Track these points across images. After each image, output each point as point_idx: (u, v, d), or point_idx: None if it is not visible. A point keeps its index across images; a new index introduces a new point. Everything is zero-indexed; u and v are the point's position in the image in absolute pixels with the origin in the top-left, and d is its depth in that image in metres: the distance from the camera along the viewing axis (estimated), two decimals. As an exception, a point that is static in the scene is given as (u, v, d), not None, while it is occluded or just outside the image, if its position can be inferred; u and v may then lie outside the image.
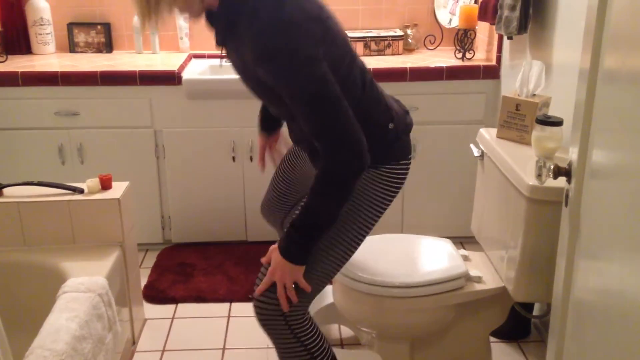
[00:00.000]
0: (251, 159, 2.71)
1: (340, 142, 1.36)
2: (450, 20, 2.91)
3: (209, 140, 2.69)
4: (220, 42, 1.48)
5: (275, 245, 1.51)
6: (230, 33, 1.42)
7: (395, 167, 1.56)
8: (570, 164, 1.29)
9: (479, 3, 2.61)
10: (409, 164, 1.61)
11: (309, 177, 1.71)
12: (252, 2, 1.35)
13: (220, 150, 2.70)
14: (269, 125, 1.89)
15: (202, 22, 1.49)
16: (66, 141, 2.65)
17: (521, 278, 1.74)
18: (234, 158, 2.71)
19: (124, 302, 2.08)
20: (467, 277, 1.85)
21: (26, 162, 2.66)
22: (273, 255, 1.50)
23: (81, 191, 2.03)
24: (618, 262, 1.07)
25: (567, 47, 1.98)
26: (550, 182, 1.41)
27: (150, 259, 2.76)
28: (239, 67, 1.50)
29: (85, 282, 1.77)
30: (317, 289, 1.54)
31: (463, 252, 2.02)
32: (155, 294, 2.48)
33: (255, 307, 1.54)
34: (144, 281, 2.55)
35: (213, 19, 1.46)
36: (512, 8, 2.18)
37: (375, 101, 1.53)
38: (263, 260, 1.57)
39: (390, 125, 1.54)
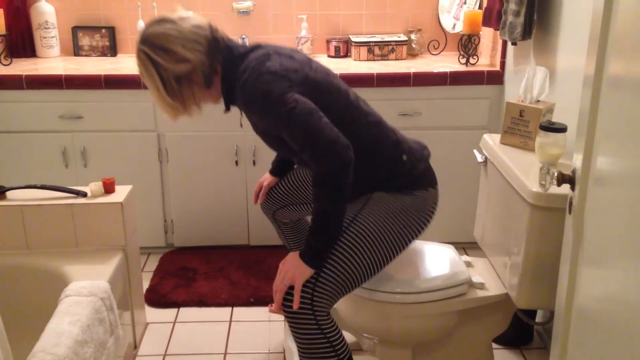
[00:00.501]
0: (254, 163, 2.71)
1: (318, 143, 1.53)
2: (454, 25, 2.91)
3: (212, 145, 2.69)
4: (226, 108, 1.75)
5: (288, 255, 1.65)
6: (232, 98, 1.69)
7: (423, 194, 1.71)
8: (574, 171, 1.29)
9: (483, 9, 2.61)
10: (436, 191, 1.76)
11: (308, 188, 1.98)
12: (242, 67, 1.61)
13: (223, 155, 2.70)
14: (280, 170, 2.08)
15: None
16: (70, 144, 2.65)
17: (524, 285, 1.73)
18: (236, 162, 2.71)
19: (125, 306, 2.07)
20: (469, 284, 1.84)
21: (30, 165, 2.67)
22: (288, 258, 1.62)
23: (84, 195, 2.03)
24: (622, 270, 1.07)
25: (572, 53, 1.98)
26: (554, 189, 1.40)
27: (153, 263, 2.76)
28: (252, 127, 1.76)
29: (87, 286, 1.77)
30: (342, 291, 1.64)
31: (466, 258, 2.01)
32: (157, 298, 2.48)
33: (288, 313, 1.61)
34: (146, 285, 2.55)
35: (222, 93, 1.72)
36: (517, 14, 2.18)
37: (382, 137, 1.70)
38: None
39: (404, 157, 1.71)
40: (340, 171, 1.53)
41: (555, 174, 1.30)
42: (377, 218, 1.66)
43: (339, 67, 2.77)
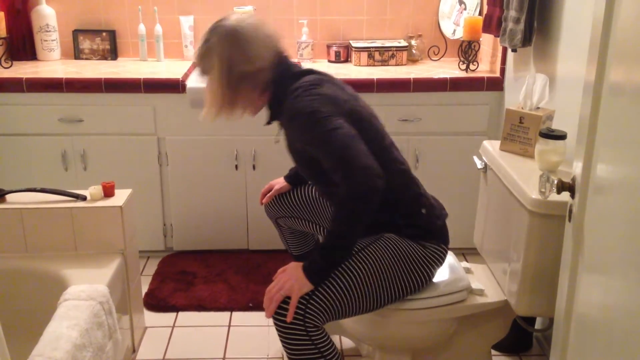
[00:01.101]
0: (254, 167, 2.71)
1: (352, 166, 1.55)
2: (455, 30, 2.91)
3: (212, 149, 2.69)
4: (269, 121, 1.82)
5: (290, 263, 1.66)
6: (277, 113, 1.75)
7: (435, 247, 1.73)
8: (574, 179, 1.29)
9: (484, 15, 2.62)
10: (447, 251, 1.78)
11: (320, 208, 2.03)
12: (294, 86, 1.68)
13: (223, 159, 2.70)
14: (296, 179, 2.10)
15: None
16: (69, 147, 2.65)
17: (523, 292, 1.73)
18: (236, 166, 2.71)
19: (124, 310, 2.07)
20: (469, 290, 1.84)
21: (29, 168, 2.67)
22: (289, 268, 1.63)
23: (84, 198, 2.03)
24: (621, 278, 1.07)
25: (572, 60, 1.99)
26: (554, 197, 1.40)
27: (152, 267, 2.75)
28: (287, 143, 1.79)
29: (86, 289, 1.76)
30: (334, 313, 1.64)
31: (465, 264, 2.01)
32: (156, 302, 2.47)
33: (279, 322, 1.61)
34: (144, 289, 2.55)
35: (268, 107, 1.79)
36: (517, 21, 2.19)
37: (407, 187, 1.75)
38: (274, 277, 1.67)
39: (423, 211, 1.75)
40: (367, 195, 1.55)
41: (555, 182, 1.30)
42: (383, 255, 1.68)
43: (339, 72, 2.78)
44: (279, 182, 2.12)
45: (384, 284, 1.67)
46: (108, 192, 2.05)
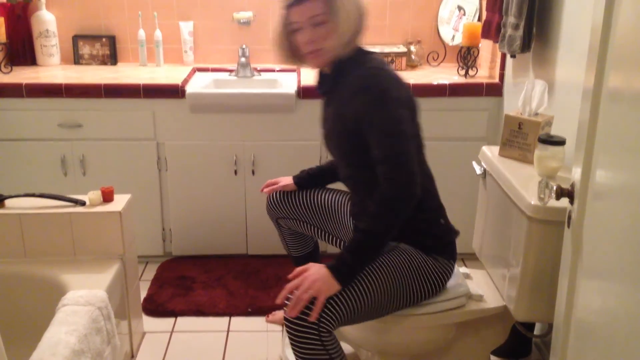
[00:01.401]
0: (253, 172, 2.71)
1: (402, 168, 1.58)
2: (454, 36, 2.92)
3: (211, 154, 2.69)
4: (324, 91, 1.79)
5: (310, 264, 1.62)
6: (335, 85, 1.71)
7: (446, 262, 1.76)
8: (572, 185, 1.29)
9: (482, 21, 2.62)
10: (454, 267, 1.80)
11: (328, 216, 2.02)
12: (362, 59, 1.68)
13: (222, 164, 2.70)
14: (305, 181, 2.08)
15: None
16: (69, 152, 2.65)
17: (523, 297, 1.73)
18: (235, 171, 2.71)
19: (123, 315, 2.07)
20: (468, 296, 1.84)
21: (28, 173, 2.67)
22: (313, 268, 1.59)
23: (83, 203, 2.03)
24: (621, 284, 1.07)
25: (571, 66, 1.99)
26: (553, 202, 1.40)
27: (150, 272, 2.75)
28: (329, 119, 1.77)
29: (84, 295, 1.76)
30: (347, 317, 1.62)
31: (464, 269, 2.01)
32: (154, 307, 2.47)
33: (292, 323, 1.57)
34: (143, 294, 2.54)
35: (326, 75, 1.77)
36: (516, 27, 2.19)
37: (430, 196, 1.78)
38: (290, 276, 1.63)
39: (442, 221, 1.78)
40: (406, 200, 1.59)
41: (554, 188, 1.30)
42: (399, 265, 1.69)
43: (339, 77, 2.78)
44: (286, 180, 2.10)
45: (397, 293, 1.68)
46: (107, 197, 2.05)
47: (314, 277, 1.56)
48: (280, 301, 1.59)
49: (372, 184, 1.65)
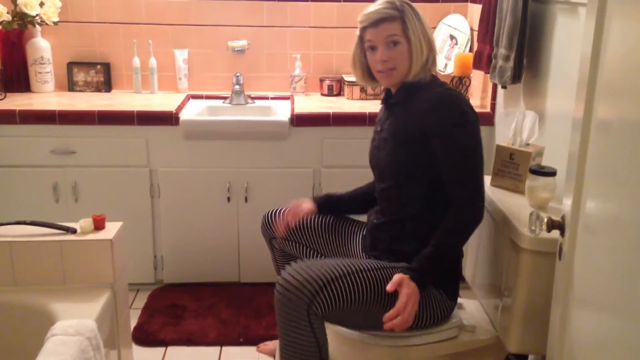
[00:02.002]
0: (246, 199, 2.71)
1: (478, 192, 1.71)
2: (446, 65, 2.95)
3: (205, 181, 2.69)
4: (392, 104, 1.84)
5: (403, 276, 1.65)
6: (408, 96, 1.78)
7: (447, 300, 1.79)
8: (563, 217, 1.30)
9: (474, 52, 2.66)
10: (453, 309, 1.83)
11: (331, 244, 2.03)
12: (434, 82, 1.79)
13: (215, 191, 2.70)
14: (328, 207, 2.06)
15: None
16: (61, 179, 2.64)
17: (515, 328, 1.72)
18: (229, 198, 2.71)
19: (112, 345, 2.04)
20: (460, 326, 1.83)
21: (20, 199, 2.65)
22: (406, 289, 1.64)
23: (74, 231, 2.01)
24: (612, 315, 1.07)
25: (561, 97, 2.01)
26: (545, 233, 1.41)
27: (141, 300, 2.72)
28: (388, 129, 1.82)
29: (74, 325, 1.74)
30: (340, 314, 1.68)
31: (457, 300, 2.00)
32: (144, 336, 2.44)
33: (282, 293, 1.63)
34: (133, 322, 2.52)
35: (398, 89, 1.83)
36: (506, 58, 2.22)
37: None
38: (389, 287, 1.66)
39: (462, 259, 1.88)
40: (478, 223, 1.72)
41: (545, 220, 1.31)
42: None
43: (332, 105, 2.80)
44: (306, 203, 2.04)
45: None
46: (98, 225, 2.04)
47: (414, 297, 1.64)
48: (389, 324, 1.63)
49: (410, 196, 1.77)
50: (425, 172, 1.74)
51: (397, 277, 1.65)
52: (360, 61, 1.86)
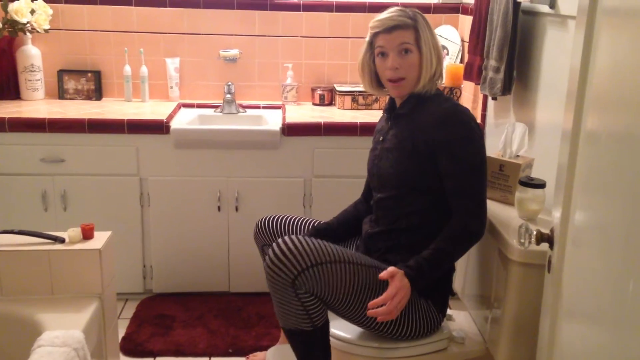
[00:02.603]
0: (237, 209, 2.70)
1: (482, 206, 1.72)
2: (437, 77, 2.96)
3: (195, 190, 2.68)
4: (398, 115, 1.82)
5: (396, 270, 1.65)
6: (414, 108, 1.78)
7: (434, 311, 1.78)
8: (552, 230, 1.30)
9: (464, 63, 2.67)
10: (441, 322, 1.83)
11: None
12: (440, 97, 1.80)
13: (205, 200, 2.69)
14: (323, 233, 2.00)
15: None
16: (50, 187, 2.63)
17: (505, 340, 1.72)
18: (219, 208, 2.70)
19: (100, 356, 2.02)
20: (450, 338, 1.82)
21: (8, 208, 2.63)
22: (397, 282, 1.63)
23: (62, 241, 2.00)
24: (600, 328, 1.07)
25: (550, 109, 2.02)
26: (534, 245, 1.41)
27: (130, 309, 2.70)
28: (391, 139, 1.81)
29: (60, 335, 1.72)
30: (323, 292, 1.67)
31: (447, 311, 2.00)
32: (132, 347, 2.42)
33: (271, 269, 1.65)
34: (122, 333, 2.49)
35: (405, 100, 1.82)
36: (497, 70, 2.24)
37: None
38: (382, 275, 1.66)
39: (453, 273, 1.89)
40: (480, 237, 1.72)
41: (534, 233, 1.31)
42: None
43: (324, 115, 2.81)
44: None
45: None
46: (87, 234, 2.02)
47: (404, 291, 1.62)
48: (373, 311, 1.62)
49: (410, 207, 1.76)
50: (428, 185, 1.74)
51: (391, 268, 1.65)
52: (369, 67, 1.85)
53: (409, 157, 1.75)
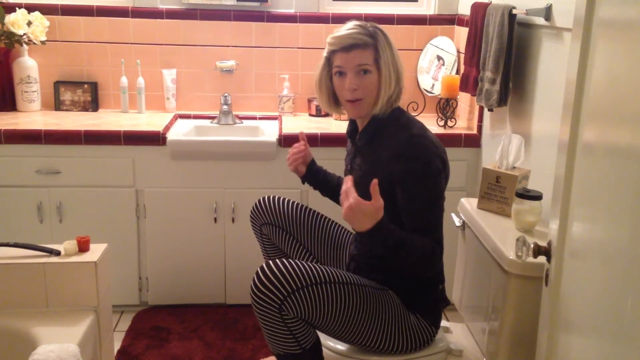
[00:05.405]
0: (233, 220, 2.69)
1: (439, 239, 1.69)
2: (433, 85, 2.97)
3: (191, 201, 2.67)
4: (359, 144, 1.80)
5: (380, 206, 1.53)
6: (373, 138, 1.74)
7: (425, 325, 1.76)
8: (549, 243, 1.30)
9: (460, 74, 2.68)
10: (434, 335, 1.79)
11: (320, 243, 2.03)
12: (402, 118, 1.74)
13: (202, 211, 2.68)
14: (314, 179, 2.09)
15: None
16: (46, 199, 2.62)
17: (503, 353, 1.71)
18: (215, 219, 2.69)
19: (95, 369, 2.01)
20: (447, 351, 1.81)
21: (4, 220, 2.62)
22: (371, 207, 1.52)
23: (57, 253, 1.99)
24: (597, 340, 1.07)
25: (546, 120, 2.03)
26: (531, 258, 1.41)
27: (125, 322, 2.69)
28: (359, 169, 1.79)
29: (55, 349, 1.71)
30: (311, 316, 1.63)
31: (444, 323, 1.99)
32: None
33: (255, 295, 1.60)
34: (117, 345, 2.48)
35: (364, 129, 1.78)
36: (492, 82, 2.24)
37: (438, 259, 1.74)
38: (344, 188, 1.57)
39: (440, 287, 1.82)
40: (432, 264, 1.66)
41: (531, 246, 1.31)
42: (379, 301, 1.69)
43: (320, 126, 2.81)
44: (307, 154, 2.08)
45: (365, 325, 1.67)
46: (83, 247, 2.01)
47: (367, 215, 1.51)
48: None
49: None
50: (397, 213, 1.67)
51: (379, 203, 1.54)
52: (326, 85, 1.78)
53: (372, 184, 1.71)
